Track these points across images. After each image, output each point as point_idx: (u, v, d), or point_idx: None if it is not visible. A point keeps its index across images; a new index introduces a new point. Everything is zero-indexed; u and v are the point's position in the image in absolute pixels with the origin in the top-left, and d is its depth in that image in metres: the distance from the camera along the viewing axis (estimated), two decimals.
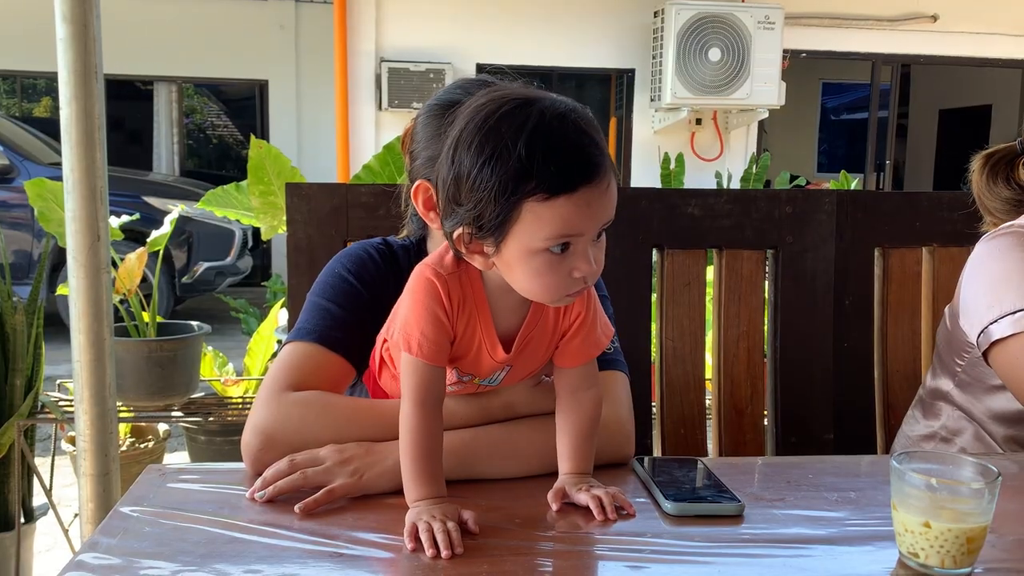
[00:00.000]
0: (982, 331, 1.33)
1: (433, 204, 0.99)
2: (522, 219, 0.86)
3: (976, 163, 1.49)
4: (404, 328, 0.95)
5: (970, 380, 1.44)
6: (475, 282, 0.96)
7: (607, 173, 0.87)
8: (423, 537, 0.87)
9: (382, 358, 1.11)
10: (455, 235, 0.91)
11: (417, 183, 1.06)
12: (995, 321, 1.31)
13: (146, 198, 6.03)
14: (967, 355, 1.43)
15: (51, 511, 2.41)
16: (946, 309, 1.51)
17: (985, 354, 1.34)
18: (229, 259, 6.41)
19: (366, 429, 1.04)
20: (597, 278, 0.93)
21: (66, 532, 2.39)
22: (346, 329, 1.13)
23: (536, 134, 0.84)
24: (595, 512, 0.95)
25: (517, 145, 0.84)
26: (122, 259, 2.77)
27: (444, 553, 0.85)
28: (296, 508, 0.94)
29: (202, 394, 2.93)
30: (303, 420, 1.04)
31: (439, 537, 0.86)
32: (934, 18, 7.30)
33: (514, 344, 0.99)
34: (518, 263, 0.89)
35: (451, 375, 1.03)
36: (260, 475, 1.01)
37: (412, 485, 0.93)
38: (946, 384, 1.48)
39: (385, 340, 1.10)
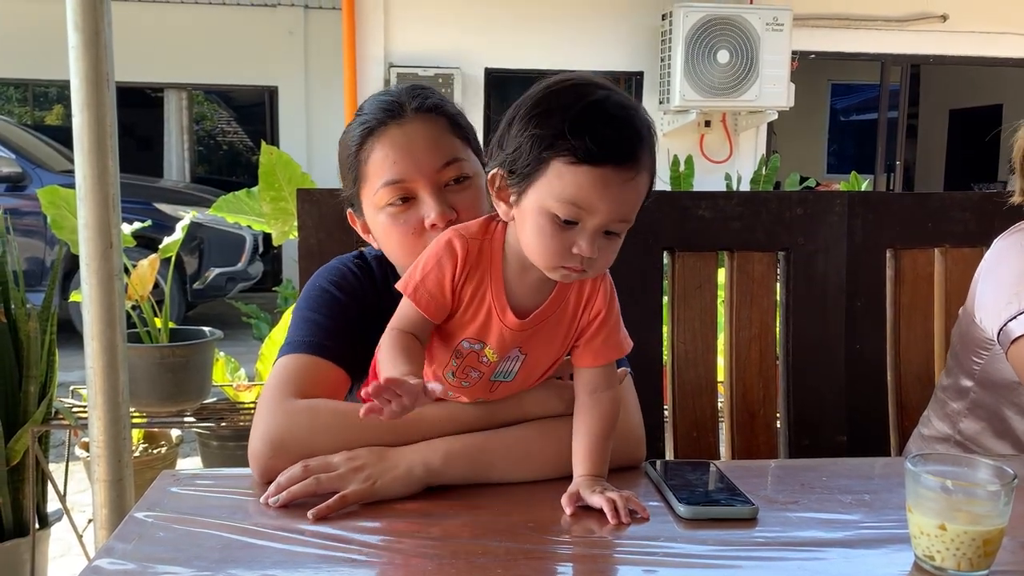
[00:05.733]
0: (1001, 328, 1.33)
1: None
2: (546, 175, 0.91)
3: None
4: (410, 271, 1.00)
5: (990, 377, 1.43)
6: (495, 252, 0.99)
7: (637, 169, 0.91)
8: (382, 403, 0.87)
9: None
10: (490, 175, 0.96)
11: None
12: (1014, 317, 1.30)
13: (157, 205, 6.05)
14: (986, 353, 1.42)
15: (65, 517, 2.42)
16: (961, 310, 1.51)
17: (1006, 352, 1.34)
18: (240, 265, 6.43)
19: (374, 433, 1.04)
20: (597, 271, 0.97)
21: (80, 538, 2.39)
22: (336, 338, 1.15)
23: (591, 107, 0.90)
24: (609, 515, 0.95)
25: (571, 109, 0.89)
26: (134, 265, 2.78)
27: (390, 408, 0.86)
28: (309, 514, 0.95)
29: (214, 399, 2.93)
30: (312, 426, 1.05)
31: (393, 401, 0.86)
32: (943, 18, 7.27)
33: (530, 316, 0.99)
34: (530, 217, 0.93)
35: (466, 373, 1.03)
36: (269, 483, 1.01)
37: (383, 367, 0.95)
38: (966, 382, 1.47)
39: None
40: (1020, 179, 1.46)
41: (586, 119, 0.89)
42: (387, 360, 0.96)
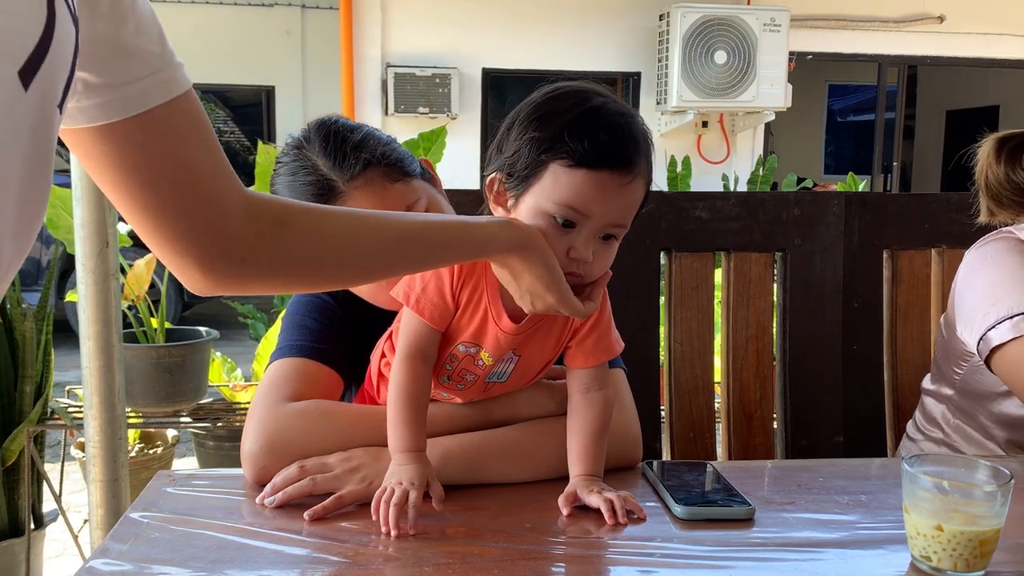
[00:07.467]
0: (981, 338, 1.32)
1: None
2: (544, 178, 0.92)
3: (987, 146, 1.46)
4: (408, 282, 1.00)
5: (970, 388, 1.43)
6: None
7: (633, 174, 0.92)
8: (380, 510, 0.92)
9: (380, 372, 1.11)
10: (488, 179, 0.97)
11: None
12: (993, 327, 1.30)
13: None
14: (965, 363, 1.41)
15: (61, 517, 2.42)
16: (941, 319, 1.50)
17: (987, 361, 1.33)
18: None
19: (367, 435, 1.04)
20: (593, 276, 0.97)
21: (76, 538, 2.39)
22: (328, 341, 1.15)
23: (590, 112, 0.92)
24: (606, 516, 0.95)
25: (570, 113, 0.92)
26: (130, 265, 2.78)
27: (393, 533, 0.90)
28: (305, 515, 0.95)
29: (210, 400, 2.93)
30: (304, 429, 1.04)
31: (391, 512, 0.91)
32: (940, 19, 7.28)
33: (524, 320, 0.99)
34: (527, 220, 0.94)
35: (462, 376, 1.03)
36: (262, 486, 1.01)
37: (392, 433, 0.97)
38: (947, 390, 1.47)
39: (383, 356, 1.10)
40: (984, 198, 1.47)
41: (585, 123, 0.91)
42: (394, 419, 0.97)
